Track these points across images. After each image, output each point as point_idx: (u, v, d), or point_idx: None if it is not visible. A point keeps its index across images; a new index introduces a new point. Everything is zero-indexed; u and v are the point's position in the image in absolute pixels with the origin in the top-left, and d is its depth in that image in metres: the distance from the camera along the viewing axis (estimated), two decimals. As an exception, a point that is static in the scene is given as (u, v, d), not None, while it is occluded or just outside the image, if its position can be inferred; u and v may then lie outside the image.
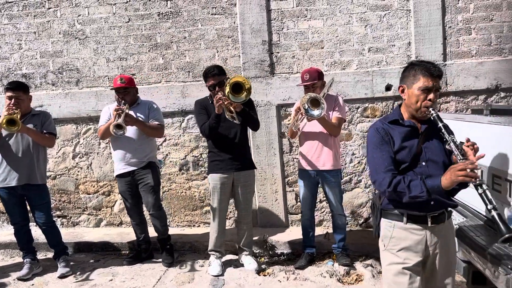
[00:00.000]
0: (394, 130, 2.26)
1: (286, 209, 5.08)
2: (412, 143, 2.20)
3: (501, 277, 2.24)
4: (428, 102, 2.16)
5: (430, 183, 2.04)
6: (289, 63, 4.95)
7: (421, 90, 2.17)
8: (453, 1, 4.69)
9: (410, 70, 2.24)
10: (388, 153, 2.19)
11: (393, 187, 2.10)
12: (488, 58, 4.68)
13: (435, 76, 2.16)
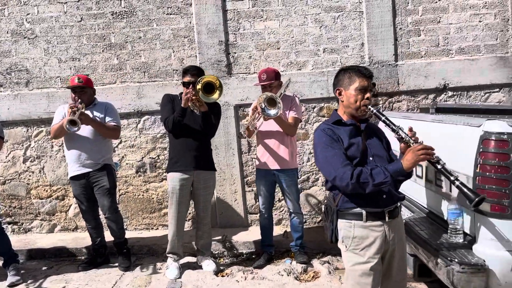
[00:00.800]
0: (340, 130, 2.31)
1: (246, 209, 5.09)
2: (358, 140, 2.27)
3: (442, 269, 2.34)
4: (366, 100, 2.26)
5: (391, 168, 2.11)
6: (246, 63, 4.96)
7: (358, 90, 2.26)
8: (403, 3, 4.84)
9: (344, 73, 2.33)
10: (341, 150, 2.21)
11: (356, 178, 2.10)
12: (436, 59, 4.87)
13: (368, 77, 2.29)
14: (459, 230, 2.47)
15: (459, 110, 3.45)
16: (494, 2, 4.78)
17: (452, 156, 2.60)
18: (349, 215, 2.24)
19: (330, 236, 2.36)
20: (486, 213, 2.25)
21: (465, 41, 4.83)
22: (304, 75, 4.90)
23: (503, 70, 4.75)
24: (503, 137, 2.19)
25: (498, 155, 2.20)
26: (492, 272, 2.23)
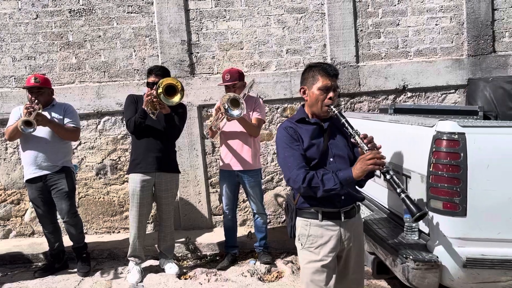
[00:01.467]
0: (302, 129, 2.31)
1: (210, 210, 5.05)
2: (319, 141, 2.27)
3: (399, 266, 2.39)
4: (329, 100, 2.24)
5: (342, 175, 2.12)
6: (209, 63, 4.92)
7: (320, 89, 2.24)
8: (364, 5, 4.94)
9: (308, 72, 2.32)
10: (299, 151, 2.22)
11: (308, 183, 2.12)
12: (396, 60, 4.99)
13: (332, 76, 2.25)
14: (414, 228, 2.53)
15: (416, 110, 3.55)
16: (450, 6, 4.94)
17: (408, 156, 2.67)
18: (306, 214, 2.27)
19: (289, 232, 2.39)
20: (438, 211, 2.32)
21: (423, 44, 4.97)
22: (267, 76, 4.91)
23: (458, 72, 4.92)
24: (454, 137, 2.26)
25: (449, 154, 2.27)
26: (445, 268, 2.30)
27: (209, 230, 4.96)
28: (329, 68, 2.26)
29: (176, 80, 3.68)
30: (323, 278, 2.19)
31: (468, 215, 2.24)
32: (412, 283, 2.35)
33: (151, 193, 3.96)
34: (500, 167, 2.24)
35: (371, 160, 2.05)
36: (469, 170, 2.23)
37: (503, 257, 2.26)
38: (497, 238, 2.26)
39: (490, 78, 3.53)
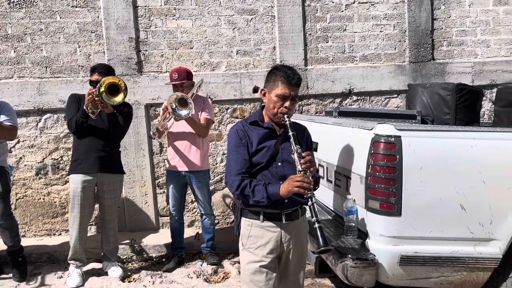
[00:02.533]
0: (253, 132, 2.32)
1: (157, 211, 4.96)
2: (270, 144, 2.28)
3: (338, 265, 2.46)
4: (284, 109, 2.22)
5: (270, 189, 2.15)
6: (158, 61, 4.84)
7: (278, 97, 2.22)
8: (313, 10, 5.04)
9: (271, 75, 2.29)
10: (243, 156, 2.25)
11: (240, 190, 2.19)
12: (342, 65, 5.13)
13: (293, 85, 2.21)
14: (354, 227, 2.62)
15: (359, 113, 3.67)
16: (393, 15, 5.16)
17: (349, 157, 2.76)
18: (249, 214, 2.29)
19: (235, 232, 2.42)
20: (376, 210, 2.41)
21: (368, 49, 5.15)
22: (217, 76, 4.90)
23: (400, 77, 5.14)
24: (391, 139, 2.36)
25: (386, 156, 2.36)
26: (381, 266, 2.39)
27: (156, 232, 4.87)
28: (291, 77, 2.21)
29: (119, 79, 3.58)
30: (262, 279, 2.22)
31: (403, 214, 2.35)
32: (350, 281, 2.43)
33: (93, 194, 3.84)
34: (433, 169, 2.36)
35: (298, 182, 2.06)
36: (404, 171, 2.34)
37: (435, 254, 2.39)
38: (429, 237, 2.38)
39: (428, 84, 3.72)
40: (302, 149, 2.24)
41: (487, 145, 2.39)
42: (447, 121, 3.53)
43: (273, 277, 2.24)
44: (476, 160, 2.37)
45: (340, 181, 2.89)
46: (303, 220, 2.41)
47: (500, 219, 2.37)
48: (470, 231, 2.38)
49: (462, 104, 3.48)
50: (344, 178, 2.82)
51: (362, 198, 2.52)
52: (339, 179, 2.89)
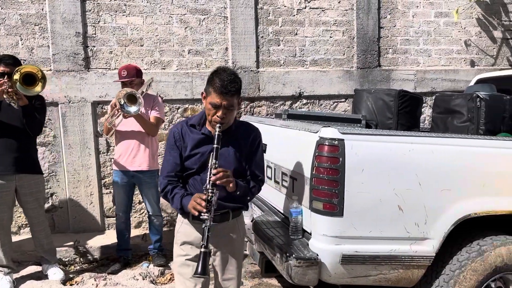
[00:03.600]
0: (190, 135, 2.31)
1: (103, 212, 4.82)
2: (205, 150, 2.26)
3: (283, 264, 2.50)
4: (217, 118, 2.17)
5: (184, 202, 2.22)
6: (106, 58, 4.71)
7: (211, 104, 2.17)
8: (265, 13, 5.10)
9: (209, 79, 2.21)
10: (174, 159, 2.29)
11: (164, 194, 2.31)
12: (293, 68, 5.23)
13: (226, 94, 2.13)
14: (299, 227, 2.68)
15: (307, 117, 3.75)
16: (343, 21, 5.32)
17: (296, 159, 2.82)
18: (182, 212, 2.34)
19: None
20: (319, 211, 2.47)
21: (318, 54, 5.28)
22: (168, 75, 4.84)
23: (348, 82, 5.31)
24: (335, 142, 2.43)
25: (330, 158, 2.43)
26: (323, 265, 2.45)
27: (101, 233, 4.74)
28: (225, 85, 2.11)
29: (37, 69, 3.40)
30: (188, 272, 2.29)
31: (345, 215, 2.42)
32: (294, 280, 2.48)
33: (12, 197, 3.62)
34: (373, 171, 2.46)
35: (195, 202, 2.10)
36: (346, 173, 2.42)
37: (374, 253, 2.48)
38: (369, 236, 2.47)
39: (372, 90, 3.87)
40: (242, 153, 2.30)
41: (423, 149, 2.52)
42: (390, 125, 3.69)
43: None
44: (413, 163, 2.49)
45: (287, 182, 2.94)
46: (237, 222, 2.41)
47: (434, 219, 2.50)
48: (407, 230, 2.49)
49: (404, 110, 3.66)
50: (291, 179, 2.87)
51: (306, 199, 2.58)
52: (286, 180, 2.95)
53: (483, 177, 2.56)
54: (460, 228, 2.57)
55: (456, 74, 5.62)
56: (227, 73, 2.18)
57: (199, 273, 2.02)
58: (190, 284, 2.30)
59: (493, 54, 5.79)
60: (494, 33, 5.77)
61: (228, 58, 5.03)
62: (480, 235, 2.65)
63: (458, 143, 2.60)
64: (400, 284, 2.60)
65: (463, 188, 2.55)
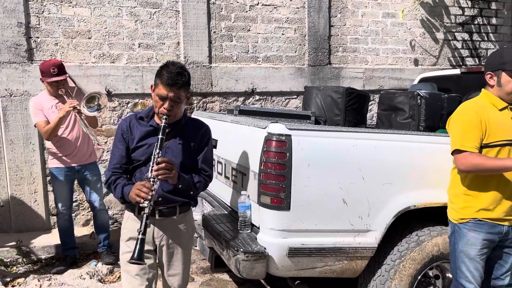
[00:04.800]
0: (138, 128, 2.31)
1: (48, 210, 4.64)
2: (152, 142, 2.24)
3: (232, 259, 2.53)
4: (163, 110, 2.18)
5: (125, 190, 2.20)
6: (51, 50, 4.52)
7: (158, 96, 2.20)
8: (217, 8, 5.08)
9: (159, 72, 2.22)
10: (120, 152, 2.30)
11: (108, 185, 2.31)
12: (246, 64, 5.25)
13: (172, 86, 2.15)
14: (247, 222, 2.71)
15: (258, 113, 3.78)
16: (295, 19, 5.40)
17: (245, 154, 2.85)
18: (128, 206, 2.35)
19: None
20: (267, 205, 2.51)
21: (271, 51, 5.33)
22: (118, 69, 4.72)
23: (300, 79, 5.40)
24: (282, 138, 2.48)
25: (277, 153, 2.48)
26: (271, 258, 2.50)
27: (47, 232, 4.57)
28: (172, 78, 2.14)
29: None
30: (134, 268, 2.26)
31: (292, 209, 2.48)
32: (242, 274, 2.51)
33: None
34: (319, 166, 2.53)
35: (136, 190, 2.09)
36: (293, 168, 2.47)
37: (319, 246, 2.55)
38: (315, 229, 2.55)
39: (322, 87, 3.96)
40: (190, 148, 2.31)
41: (366, 144, 2.62)
42: (338, 122, 3.79)
43: (146, 267, 2.27)
44: (357, 158, 2.58)
45: (236, 177, 2.96)
46: (184, 217, 2.39)
47: (376, 212, 2.61)
48: (351, 223, 2.59)
49: (351, 106, 3.76)
50: (240, 174, 2.90)
51: (255, 194, 2.61)
52: (236, 175, 2.97)
53: (422, 171, 2.69)
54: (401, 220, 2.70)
55: (402, 73, 5.86)
56: (175, 66, 2.21)
57: (135, 258, 2.00)
58: (136, 281, 2.28)
59: (435, 54, 6.08)
60: (437, 34, 6.06)
61: (180, 52, 4.97)
62: (419, 226, 2.79)
63: (399, 139, 2.73)
64: (344, 275, 2.69)
65: (404, 182, 2.67)
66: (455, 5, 6.09)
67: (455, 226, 2.46)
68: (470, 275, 2.39)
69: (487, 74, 2.40)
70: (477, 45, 6.22)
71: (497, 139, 2.30)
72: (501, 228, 2.37)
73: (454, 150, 2.34)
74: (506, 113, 2.36)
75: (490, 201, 2.35)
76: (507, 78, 2.30)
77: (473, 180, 2.37)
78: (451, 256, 2.52)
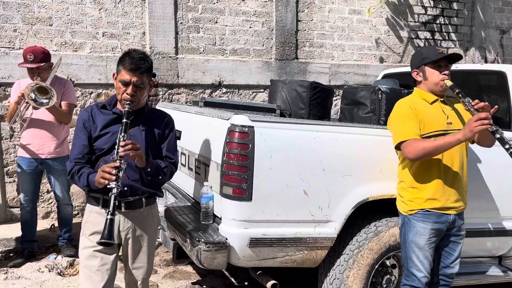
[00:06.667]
0: (100, 116, 2.29)
1: (5, 202, 4.50)
2: (117, 129, 2.22)
3: (193, 250, 2.53)
4: (126, 95, 2.18)
5: (91, 178, 2.16)
6: (9, 36, 4.36)
7: (120, 82, 2.19)
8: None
9: (121, 59, 2.22)
10: (81, 141, 2.25)
11: (71, 176, 2.23)
12: (213, 56, 5.23)
13: (135, 70, 2.16)
14: (210, 212, 2.71)
15: (224, 105, 3.78)
16: (262, 12, 5.41)
17: (208, 146, 2.85)
18: (91, 200, 2.29)
19: None
20: (229, 196, 2.53)
21: (238, 44, 5.33)
22: (80, 58, 4.61)
23: (267, 73, 5.42)
24: (245, 129, 2.49)
25: (240, 145, 2.49)
26: (232, 248, 2.52)
27: (3, 224, 4.42)
28: (132, 63, 2.15)
29: None
30: (96, 263, 2.21)
31: (253, 199, 2.50)
32: (204, 265, 2.52)
33: None
34: (281, 158, 2.56)
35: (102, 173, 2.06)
36: (255, 159, 2.49)
37: (280, 236, 2.59)
38: (276, 220, 2.58)
39: (287, 81, 3.99)
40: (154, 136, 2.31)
41: (327, 137, 2.67)
42: (302, 115, 3.84)
43: (108, 262, 2.23)
44: (318, 150, 2.63)
45: (200, 168, 2.96)
46: (150, 209, 2.38)
47: (336, 203, 2.67)
48: (311, 214, 2.64)
49: (315, 100, 3.81)
50: (203, 166, 2.90)
51: (217, 185, 2.62)
52: (199, 167, 2.97)
53: (380, 164, 2.77)
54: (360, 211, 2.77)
55: (367, 69, 5.98)
56: (137, 52, 2.24)
57: (105, 237, 1.95)
58: (97, 277, 2.21)
59: (399, 52, 6.24)
60: (401, 33, 6.22)
61: (146, 43, 4.90)
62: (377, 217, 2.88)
63: (359, 132, 2.80)
64: (304, 264, 2.74)
65: (363, 174, 2.74)
66: (419, 4, 6.26)
67: (405, 218, 2.56)
68: (420, 264, 2.50)
69: (413, 72, 2.62)
70: (438, 44, 6.42)
71: (431, 129, 2.46)
72: (448, 217, 2.49)
73: (398, 143, 2.45)
74: (437, 106, 2.54)
75: (434, 190, 2.46)
76: (430, 70, 2.50)
77: (417, 172, 2.49)
78: (402, 247, 2.62)
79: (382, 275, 2.90)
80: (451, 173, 2.48)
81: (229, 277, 3.72)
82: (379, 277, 2.89)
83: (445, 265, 2.60)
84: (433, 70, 2.50)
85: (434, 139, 2.41)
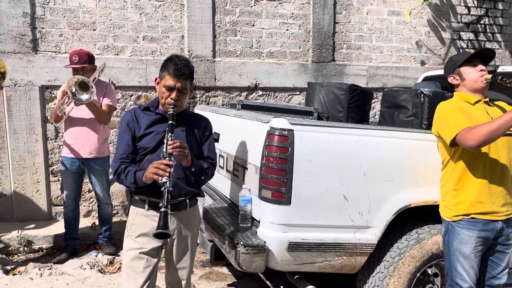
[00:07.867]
0: (144, 116, 2.35)
1: (50, 200, 4.67)
2: (160, 129, 2.30)
3: (232, 252, 2.54)
4: (170, 100, 2.24)
5: (138, 175, 2.18)
6: (56, 41, 4.53)
7: (165, 87, 2.25)
8: (222, 2, 5.08)
9: (163, 65, 2.30)
10: (126, 141, 2.29)
11: (117, 175, 2.25)
12: (249, 59, 5.25)
13: (180, 76, 2.22)
14: (248, 215, 2.72)
15: (261, 108, 3.78)
16: (299, 14, 5.39)
17: (247, 148, 2.86)
18: (136, 202, 2.32)
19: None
20: (268, 199, 2.52)
21: (275, 46, 5.33)
22: (122, 61, 4.73)
23: (303, 76, 5.39)
24: (284, 132, 2.49)
25: (279, 148, 2.48)
26: (271, 252, 2.51)
27: (48, 222, 4.60)
28: (179, 68, 2.21)
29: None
30: (141, 265, 2.24)
31: (292, 203, 2.49)
32: (242, 267, 2.52)
33: None
34: (320, 161, 2.53)
35: (154, 169, 2.08)
36: (295, 163, 2.48)
37: (319, 241, 2.56)
38: (315, 224, 2.55)
39: (325, 84, 3.95)
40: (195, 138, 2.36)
41: (368, 141, 2.62)
42: (341, 118, 3.79)
43: (152, 264, 2.27)
44: (358, 155, 2.58)
45: (238, 171, 2.97)
46: (193, 211, 2.43)
47: (377, 208, 2.62)
48: (351, 219, 2.59)
49: (354, 103, 3.76)
50: (242, 168, 2.91)
51: (256, 188, 2.62)
52: (237, 169, 2.98)
53: (423, 169, 2.69)
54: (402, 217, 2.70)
55: (406, 71, 5.84)
56: (180, 58, 2.30)
57: (161, 228, 1.96)
58: (141, 278, 2.25)
59: (440, 53, 6.06)
60: (442, 34, 6.04)
61: (184, 46, 4.98)
62: (419, 224, 2.80)
63: (401, 136, 2.73)
64: (343, 270, 2.70)
65: (405, 179, 2.68)
66: (461, 4, 6.07)
67: (448, 225, 2.47)
68: (466, 273, 2.40)
69: (449, 77, 2.56)
70: (482, 45, 6.20)
71: None
72: (495, 224, 2.38)
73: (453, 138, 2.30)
74: (480, 107, 2.44)
75: (479, 191, 2.34)
76: (466, 70, 2.46)
77: (460, 174, 2.39)
78: (446, 255, 2.52)
79: (424, 284, 2.82)
80: (498, 172, 2.36)
81: (265, 280, 3.72)
82: (420, 286, 2.80)
83: (492, 276, 2.49)
84: (470, 69, 2.46)
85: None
